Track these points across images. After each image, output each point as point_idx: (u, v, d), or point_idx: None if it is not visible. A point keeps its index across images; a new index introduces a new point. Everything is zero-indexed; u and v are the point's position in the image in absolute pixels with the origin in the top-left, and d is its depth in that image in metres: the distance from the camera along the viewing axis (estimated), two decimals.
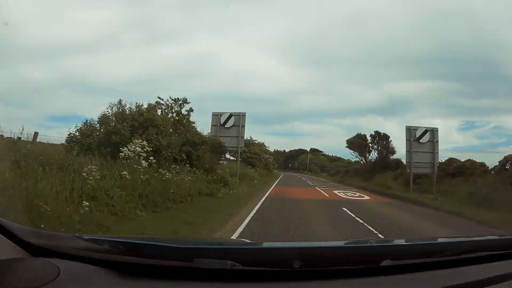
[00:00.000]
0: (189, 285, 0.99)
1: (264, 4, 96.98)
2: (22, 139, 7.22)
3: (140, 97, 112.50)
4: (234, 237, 5.45)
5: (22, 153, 5.82)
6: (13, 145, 6.59)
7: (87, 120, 10.29)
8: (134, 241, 1.23)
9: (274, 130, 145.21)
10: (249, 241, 3.09)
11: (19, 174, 4.80)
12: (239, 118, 16.48)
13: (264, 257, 1.13)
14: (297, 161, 75.35)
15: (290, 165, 74.65)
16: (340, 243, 1.55)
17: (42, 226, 3.54)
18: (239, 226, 6.44)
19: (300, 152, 78.01)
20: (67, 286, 0.91)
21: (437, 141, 17.18)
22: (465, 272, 1.19)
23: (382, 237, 6.13)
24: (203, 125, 17.05)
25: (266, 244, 1.66)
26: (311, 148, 76.36)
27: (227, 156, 22.85)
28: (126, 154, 8.29)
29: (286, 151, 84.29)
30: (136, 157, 8.34)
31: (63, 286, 0.90)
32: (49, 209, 4.11)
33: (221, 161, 16.06)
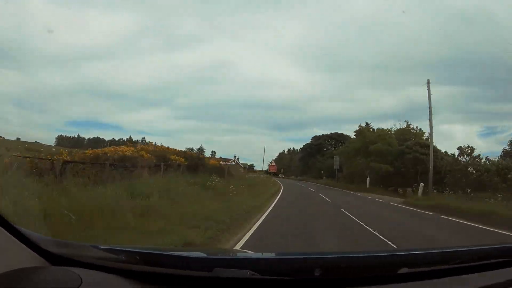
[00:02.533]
0: None
1: (281, 10, 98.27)
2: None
3: (157, 102, 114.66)
4: None
5: None
6: None
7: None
8: (153, 252, 1.24)
9: (291, 136, 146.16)
10: (266, 252, 3.10)
11: None
12: None
13: (282, 267, 1.14)
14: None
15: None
16: (358, 253, 1.55)
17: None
18: None
19: None
20: None
21: None
22: (482, 277, 1.21)
23: None
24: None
25: (284, 255, 1.69)
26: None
27: None
28: None
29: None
30: None
31: None
32: None
33: None
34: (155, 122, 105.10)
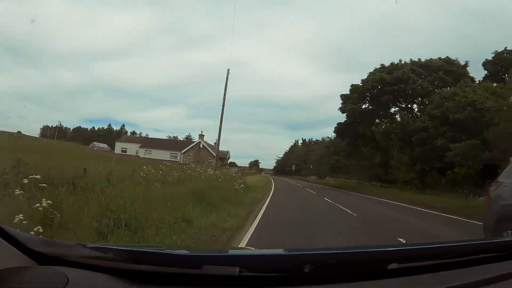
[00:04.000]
0: None
1: (296, 9, 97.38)
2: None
3: (171, 101, 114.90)
4: None
5: None
6: None
7: None
8: (141, 250, 1.24)
9: (305, 135, 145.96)
10: (255, 249, 3.12)
11: None
12: None
13: (271, 264, 1.14)
14: None
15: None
16: (347, 249, 1.58)
17: None
18: None
19: None
20: None
21: None
22: (471, 272, 1.23)
23: None
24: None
25: (273, 251, 1.68)
26: None
27: None
28: None
29: None
30: None
31: None
32: None
33: None
34: (168, 120, 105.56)
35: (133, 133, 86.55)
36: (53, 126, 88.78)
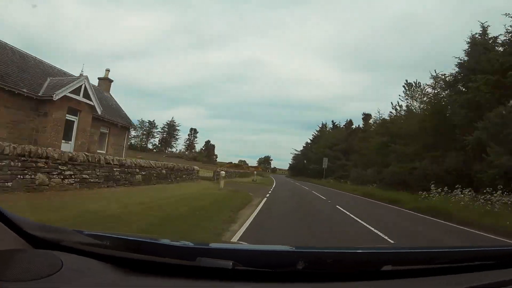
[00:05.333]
0: (191, 282, 1.01)
1: (314, 8, 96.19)
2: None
3: (187, 101, 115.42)
4: None
5: None
6: None
7: None
8: (136, 239, 1.25)
9: None
10: (250, 244, 3.12)
11: None
12: None
13: (266, 259, 1.15)
14: None
15: None
16: (343, 249, 1.58)
17: None
18: None
19: None
20: (70, 278, 0.93)
21: None
22: (464, 279, 1.22)
23: None
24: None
25: (268, 247, 1.68)
26: None
27: None
28: None
29: None
30: None
31: (66, 278, 0.92)
32: None
33: None
34: (185, 120, 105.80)
35: None
36: None
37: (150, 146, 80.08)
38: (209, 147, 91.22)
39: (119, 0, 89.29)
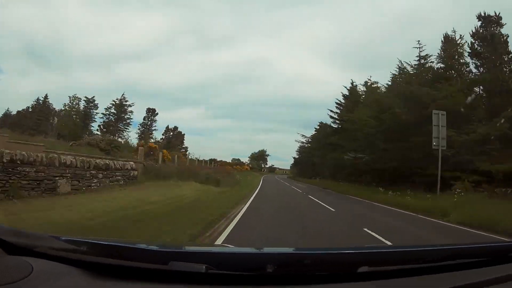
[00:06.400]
0: (164, 286, 1.01)
1: (316, 8, 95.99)
2: None
3: (192, 102, 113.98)
4: None
5: None
6: None
7: None
8: (110, 243, 1.25)
9: None
10: (226, 245, 3.08)
11: None
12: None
13: (239, 262, 1.14)
14: None
15: None
16: (317, 249, 1.54)
17: None
18: None
19: None
20: (39, 284, 0.93)
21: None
22: (442, 278, 1.20)
23: None
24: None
25: (242, 249, 1.67)
26: None
27: None
28: None
29: None
30: None
31: (35, 284, 0.92)
32: None
33: None
34: (190, 121, 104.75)
35: None
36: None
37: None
38: (174, 137, 63.95)
39: (123, 3, 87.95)
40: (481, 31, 20.98)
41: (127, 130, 53.97)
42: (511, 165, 14.24)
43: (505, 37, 20.15)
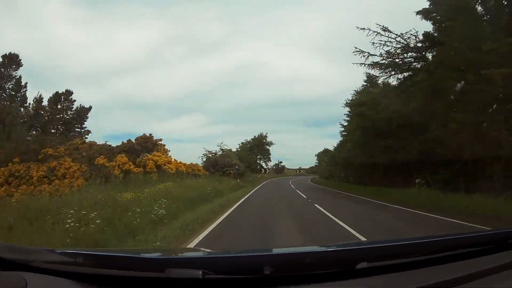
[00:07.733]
0: None
1: (305, 6, 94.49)
2: None
3: (188, 110, 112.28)
4: None
5: None
6: None
7: None
8: (106, 254, 1.23)
9: (331, 132, 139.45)
10: (220, 250, 3.08)
11: None
12: None
13: (236, 265, 1.13)
14: None
15: None
16: (314, 248, 1.54)
17: None
18: None
19: None
20: None
21: None
22: (442, 270, 1.20)
23: None
24: None
25: (237, 253, 1.65)
26: None
27: None
28: None
29: None
30: None
31: None
32: None
33: None
34: (188, 129, 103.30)
35: None
36: None
37: None
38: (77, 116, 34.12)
39: (112, 17, 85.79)
40: None
41: None
42: None
43: None
